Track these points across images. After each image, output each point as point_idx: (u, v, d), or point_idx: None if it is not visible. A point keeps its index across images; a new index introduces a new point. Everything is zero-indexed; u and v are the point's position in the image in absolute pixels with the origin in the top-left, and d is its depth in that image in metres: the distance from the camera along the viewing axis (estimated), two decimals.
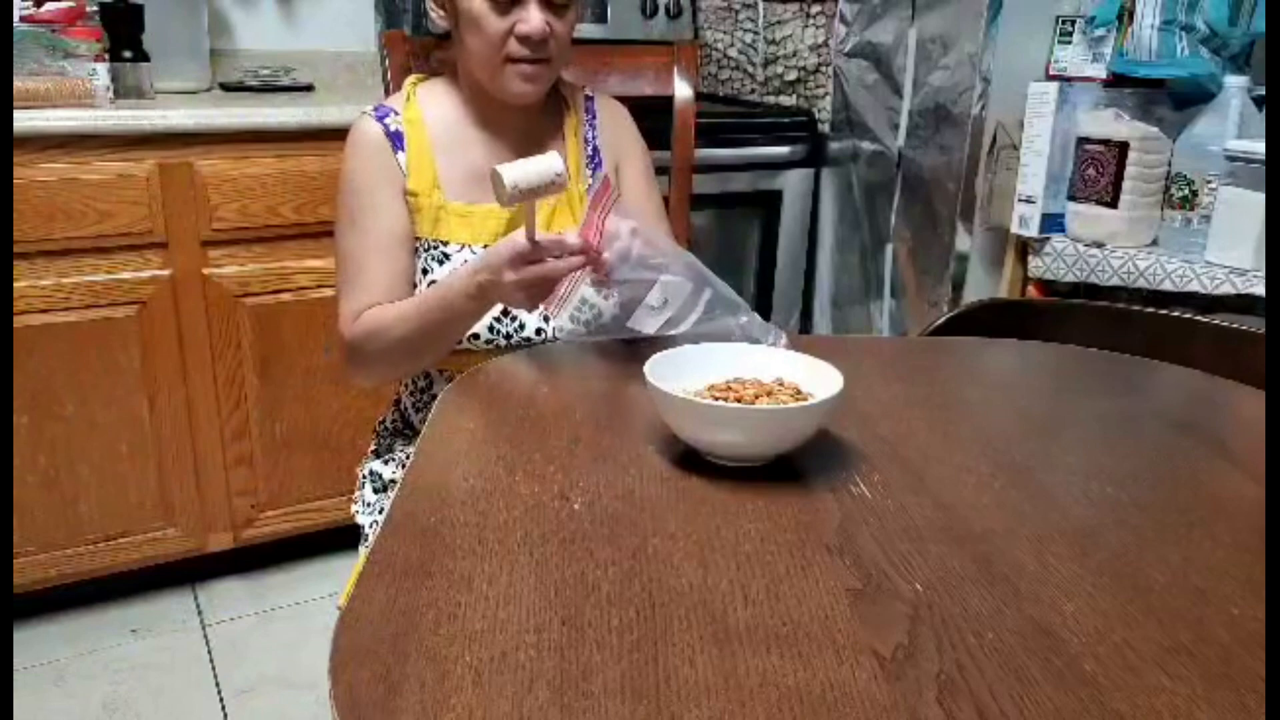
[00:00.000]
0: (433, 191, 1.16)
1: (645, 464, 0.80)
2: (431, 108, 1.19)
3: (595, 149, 1.25)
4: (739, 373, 0.86)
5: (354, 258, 1.16)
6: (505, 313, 1.14)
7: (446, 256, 1.16)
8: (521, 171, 0.93)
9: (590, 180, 1.23)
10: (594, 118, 1.27)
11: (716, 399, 0.81)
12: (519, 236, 0.95)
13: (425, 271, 1.16)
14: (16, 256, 1.65)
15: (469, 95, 1.20)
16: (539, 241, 0.94)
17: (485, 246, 1.16)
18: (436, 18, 1.17)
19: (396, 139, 1.16)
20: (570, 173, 1.23)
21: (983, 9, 1.80)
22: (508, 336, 1.16)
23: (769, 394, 0.82)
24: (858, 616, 0.60)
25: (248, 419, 1.91)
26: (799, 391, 0.83)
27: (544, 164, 0.94)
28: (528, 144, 1.20)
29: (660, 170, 1.35)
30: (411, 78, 1.23)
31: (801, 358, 0.86)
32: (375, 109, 1.18)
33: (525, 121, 1.21)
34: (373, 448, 1.31)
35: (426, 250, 1.16)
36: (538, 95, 1.15)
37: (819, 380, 0.83)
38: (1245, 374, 1.06)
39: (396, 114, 1.17)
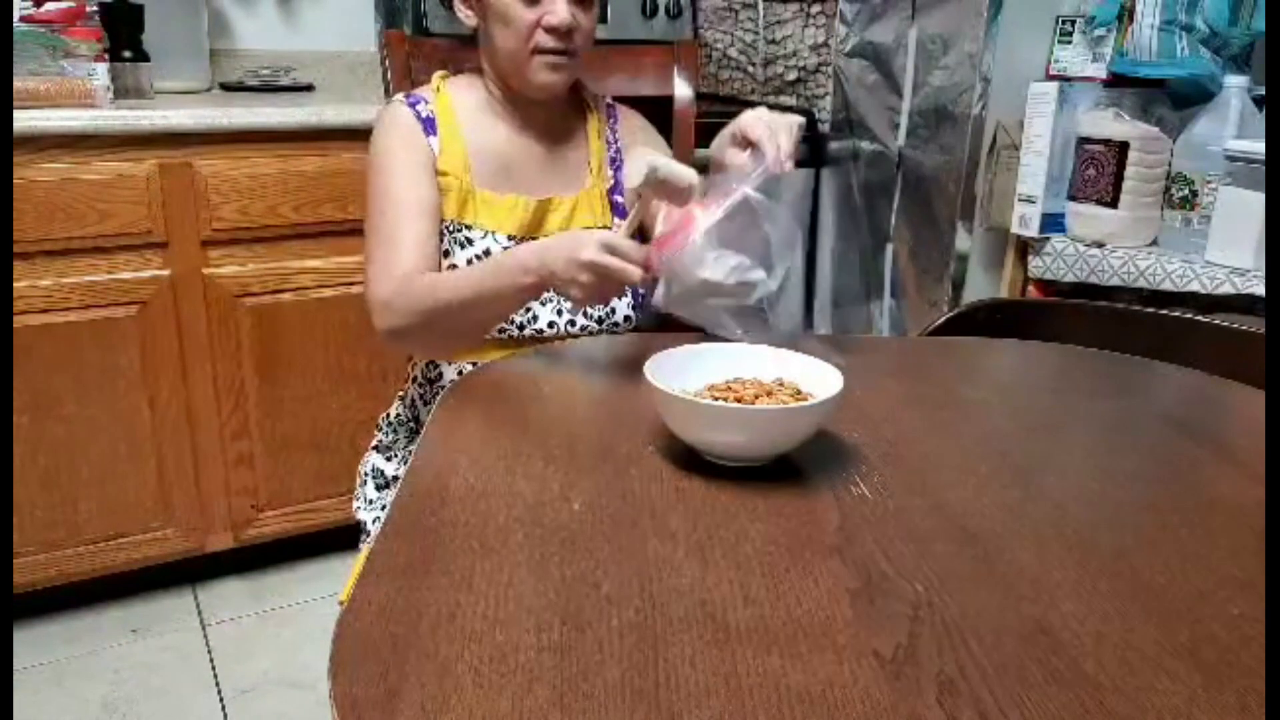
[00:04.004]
0: (463, 174, 1.17)
1: (645, 464, 0.80)
2: (460, 99, 1.21)
3: (618, 150, 1.28)
4: (739, 373, 0.86)
5: (385, 225, 1.13)
6: None
7: (470, 241, 1.17)
8: (664, 162, 0.93)
9: (611, 179, 1.26)
10: (615, 122, 1.29)
11: (716, 399, 0.81)
12: (596, 233, 0.95)
13: (446, 254, 1.17)
14: (16, 256, 1.65)
15: (495, 91, 1.21)
16: (634, 242, 0.92)
17: (510, 236, 1.17)
18: (464, 17, 1.19)
19: (428, 124, 1.18)
20: (593, 172, 1.25)
21: (983, 9, 1.80)
22: (520, 328, 1.17)
23: (769, 394, 0.82)
24: (858, 616, 0.60)
25: (248, 419, 1.91)
26: (799, 392, 0.83)
27: (686, 169, 0.94)
28: (552, 140, 1.23)
29: None
30: (439, 73, 1.25)
31: (801, 358, 0.87)
32: (406, 96, 1.20)
33: (549, 118, 1.23)
34: (375, 441, 1.31)
35: (450, 233, 1.17)
36: (563, 87, 1.17)
37: (819, 380, 0.83)
38: (1245, 374, 1.06)
39: (427, 102, 1.19)
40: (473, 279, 1.04)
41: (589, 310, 1.20)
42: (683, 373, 0.84)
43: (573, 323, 1.19)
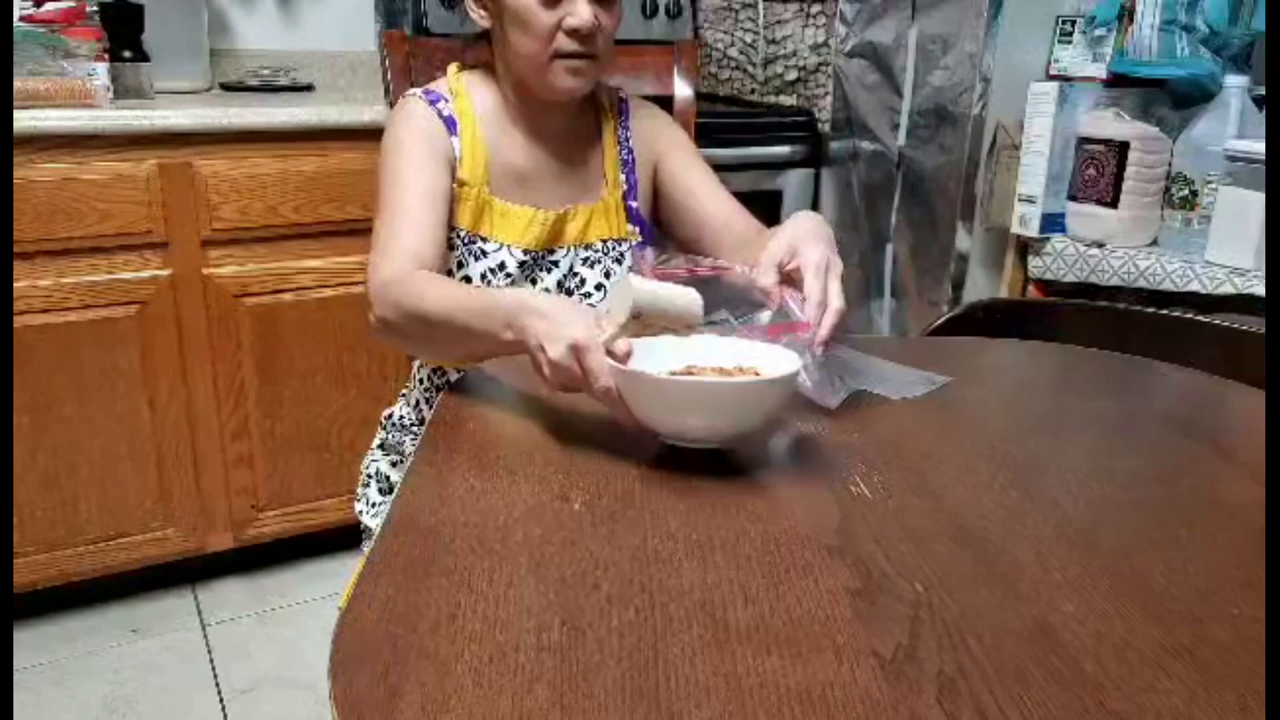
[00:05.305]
0: (481, 184, 1.14)
1: (645, 464, 0.80)
2: (478, 101, 1.18)
3: (630, 151, 1.24)
4: (701, 361, 0.86)
5: (391, 210, 1.08)
6: None
7: (484, 253, 1.14)
8: (653, 295, 0.80)
9: (624, 184, 1.23)
10: (627, 119, 1.25)
11: None
12: (576, 325, 0.81)
13: (460, 264, 1.14)
14: (16, 256, 1.65)
15: (509, 94, 1.17)
16: (611, 351, 0.80)
17: (525, 250, 1.15)
18: (477, 18, 1.14)
19: (450, 123, 1.14)
20: (608, 180, 1.22)
21: (983, 9, 1.80)
22: None
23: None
24: (858, 616, 0.60)
25: (248, 419, 1.91)
26: (759, 375, 0.83)
27: (684, 299, 0.82)
28: (569, 148, 1.20)
29: None
30: (453, 67, 1.21)
31: (761, 346, 0.87)
32: (424, 92, 1.15)
33: (565, 122, 1.19)
34: (379, 440, 1.30)
35: (465, 244, 1.14)
36: (583, 91, 1.13)
37: (778, 365, 0.83)
38: (1245, 374, 1.06)
39: (447, 100, 1.15)
40: (461, 309, 0.94)
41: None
42: (645, 361, 0.82)
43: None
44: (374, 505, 1.28)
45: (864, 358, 1.01)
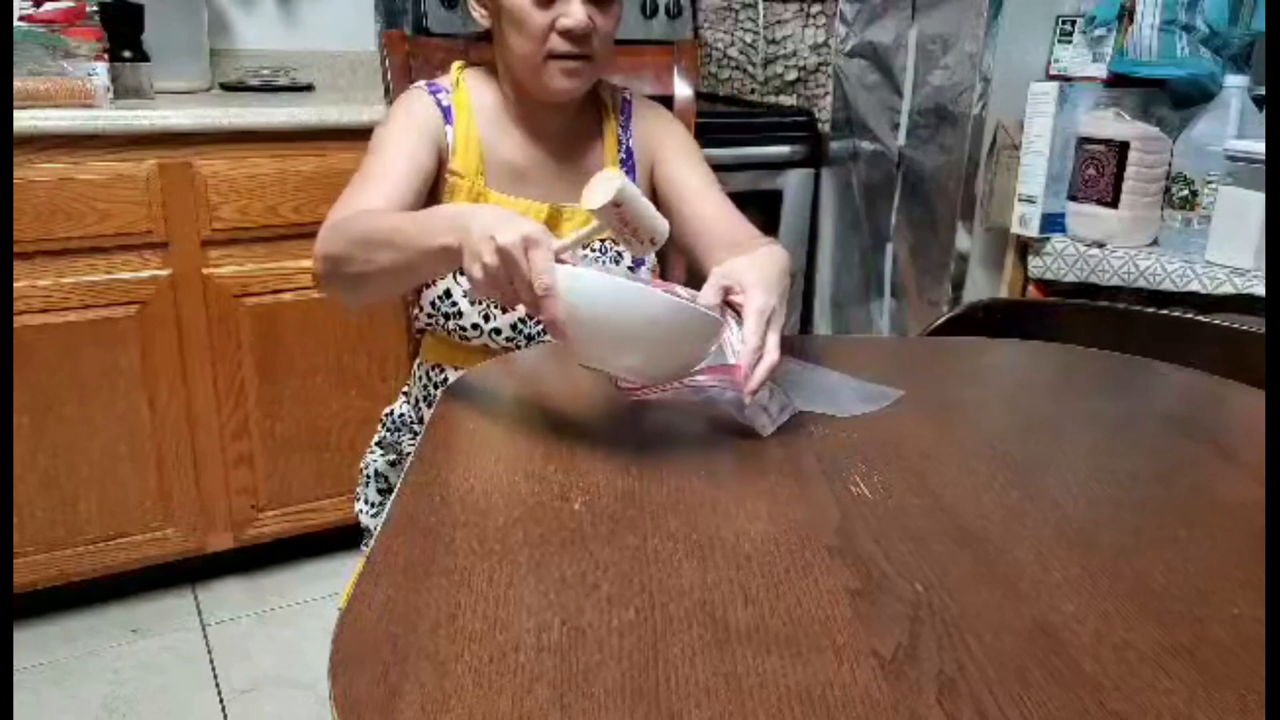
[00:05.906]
0: (476, 177, 1.15)
1: (645, 464, 0.80)
2: (477, 96, 1.19)
3: (629, 151, 1.24)
4: None
5: (363, 174, 1.09)
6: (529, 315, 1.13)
7: None
8: (636, 196, 0.82)
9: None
10: (629, 120, 1.25)
11: None
12: (533, 223, 0.82)
13: None
14: (16, 256, 1.65)
15: (509, 93, 1.18)
16: (558, 254, 0.79)
17: None
18: (478, 16, 1.16)
19: (447, 113, 1.16)
20: None
21: (983, 9, 1.80)
22: (530, 338, 1.16)
23: None
24: (858, 616, 0.60)
25: (248, 419, 1.91)
26: None
27: (656, 214, 0.85)
28: (568, 148, 1.20)
29: None
30: (457, 63, 1.22)
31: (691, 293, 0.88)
32: (427, 84, 1.18)
33: (564, 122, 1.20)
34: (378, 438, 1.30)
35: None
36: (578, 92, 1.14)
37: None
38: (1245, 374, 1.06)
39: (447, 92, 1.17)
40: (403, 222, 0.94)
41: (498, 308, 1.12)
42: None
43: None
44: (373, 505, 1.28)
45: (812, 370, 0.99)
